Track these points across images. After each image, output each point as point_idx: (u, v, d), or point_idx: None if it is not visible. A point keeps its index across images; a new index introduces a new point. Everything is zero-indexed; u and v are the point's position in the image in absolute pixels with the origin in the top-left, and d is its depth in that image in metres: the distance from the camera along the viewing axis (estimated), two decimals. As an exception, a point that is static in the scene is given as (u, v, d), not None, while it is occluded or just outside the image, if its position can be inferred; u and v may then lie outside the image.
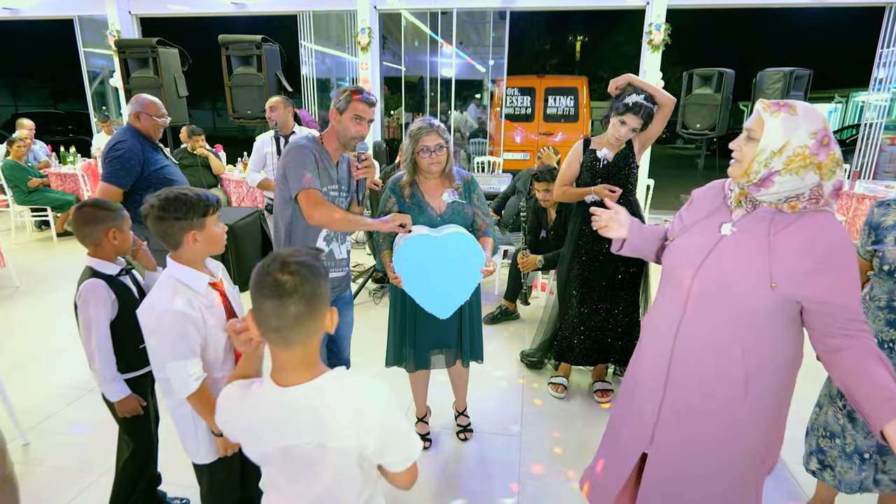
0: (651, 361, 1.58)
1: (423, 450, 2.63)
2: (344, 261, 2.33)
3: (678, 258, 1.51)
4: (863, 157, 7.60)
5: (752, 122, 1.36)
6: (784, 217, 1.36)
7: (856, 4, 7.11)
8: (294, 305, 1.01)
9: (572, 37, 24.41)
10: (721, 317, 1.40)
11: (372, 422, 1.10)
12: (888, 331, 1.82)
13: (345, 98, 2.12)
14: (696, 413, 1.49)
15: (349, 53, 8.07)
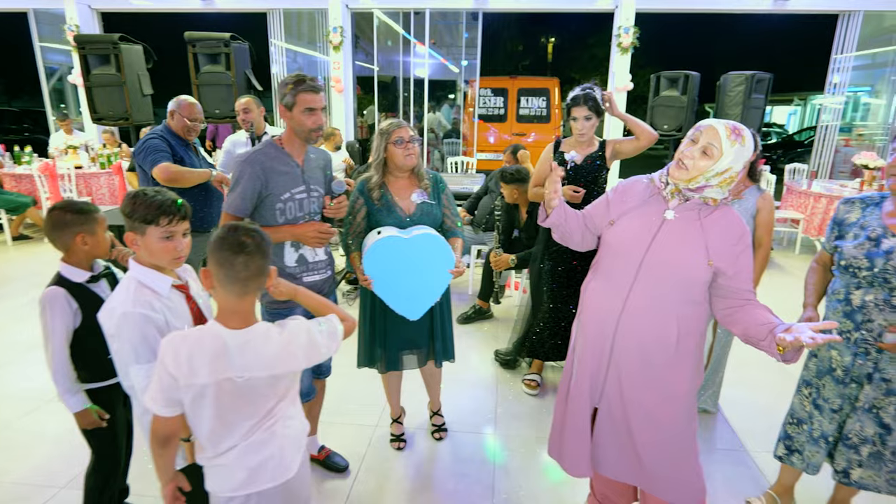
0: (597, 330, 1.73)
1: (398, 450, 2.65)
2: (320, 263, 2.20)
3: (626, 236, 1.69)
4: (820, 158, 7.90)
5: (711, 139, 1.53)
6: (708, 207, 1.62)
7: (812, 12, 7.38)
8: (257, 260, 1.30)
9: (544, 38, 24.68)
10: (665, 288, 1.61)
11: (297, 348, 1.40)
12: (846, 322, 1.91)
13: (290, 92, 1.99)
14: (635, 376, 1.68)
15: (321, 52, 8.01)
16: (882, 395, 1.87)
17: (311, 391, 2.27)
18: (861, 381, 1.90)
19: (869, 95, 9.39)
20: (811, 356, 2.06)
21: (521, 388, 3.22)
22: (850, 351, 1.90)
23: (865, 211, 1.92)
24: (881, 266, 1.79)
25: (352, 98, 7.92)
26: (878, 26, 7.64)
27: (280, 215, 2.04)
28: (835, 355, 1.95)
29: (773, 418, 2.43)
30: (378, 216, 2.29)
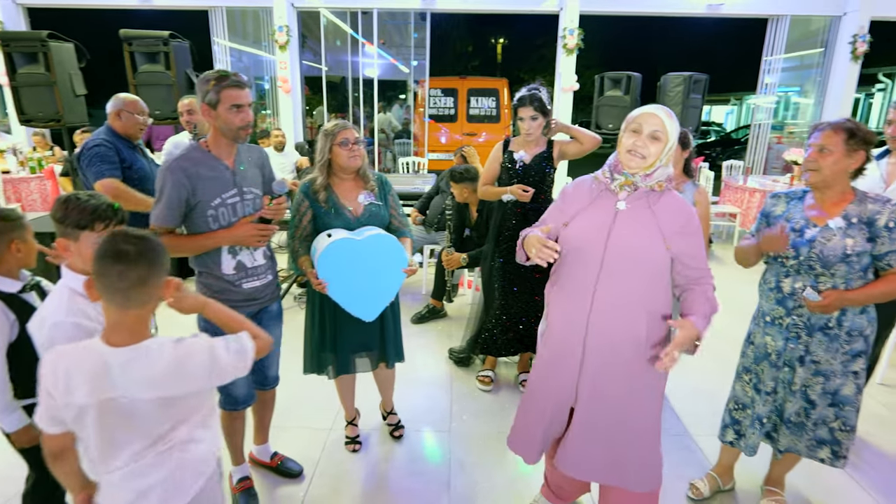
0: (566, 332, 1.78)
1: (353, 452, 2.62)
2: (260, 268, 2.09)
3: (583, 235, 1.74)
4: (754, 155, 8.33)
5: (655, 125, 1.64)
6: (655, 194, 1.71)
7: (743, 16, 7.76)
8: (139, 270, 1.20)
9: (493, 39, 24.97)
10: (630, 279, 1.68)
11: (196, 367, 1.27)
12: (777, 308, 2.04)
13: (213, 89, 1.86)
14: (608, 373, 1.74)
15: (267, 52, 7.83)
16: (811, 375, 2.00)
17: (249, 397, 2.20)
18: (793, 365, 2.01)
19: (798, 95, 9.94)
20: (749, 344, 2.17)
21: (476, 385, 3.25)
22: (783, 336, 2.02)
23: (790, 204, 2.05)
24: (806, 254, 1.91)
25: (300, 98, 7.78)
26: (805, 30, 8.11)
27: (213, 222, 1.94)
28: (769, 341, 2.07)
29: (715, 404, 2.56)
30: (325, 219, 2.26)
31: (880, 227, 1.85)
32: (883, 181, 2.49)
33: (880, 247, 1.86)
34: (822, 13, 7.65)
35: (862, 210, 1.89)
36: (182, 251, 1.98)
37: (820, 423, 2.03)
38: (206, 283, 2.03)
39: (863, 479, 2.50)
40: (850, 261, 1.86)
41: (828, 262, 1.88)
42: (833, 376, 1.99)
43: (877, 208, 1.87)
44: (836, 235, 1.87)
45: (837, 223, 1.89)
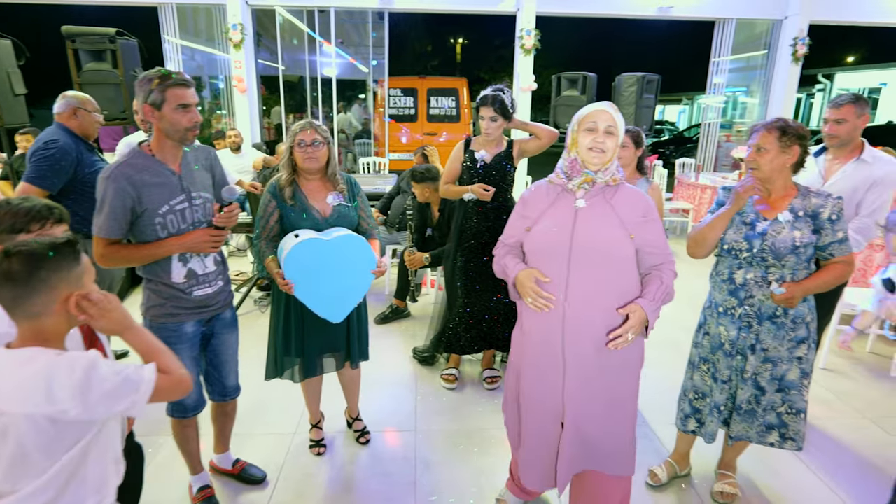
0: (542, 338, 1.79)
1: (318, 456, 2.59)
2: (211, 275, 2.02)
3: (548, 237, 1.77)
4: (705, 153, 8.64)
5: (607, 121, 1.72)
6: (610, 188, 1.78)
7: (692, 18, 8.04)
8: (5, 291, 1.12)
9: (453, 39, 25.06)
10: (600, 274, 1.71)
11: (63, 392, 1.11)
12: (730, 299, 2.12)
13: (157, 89, 1.77)
14: (592, 372, 1.76)
15: (221, 50, 7.63)
16: (760, 362, 2.10)
17: (200, 403, 2.13)
18: (745, 353, 2.11)
19: (745, 95, 10.34)
20: (704, 335, 2.25)
21: (440, 384, 3.26)
22: (736, 326, 2.10)
23: None
24: (758, 247, 2.01)
25: (256, 98, 7.61)
26: (750, 33, 8.46)
27: (161, 230, 1.86)
28: (723, 331, 2.15)
29: (671, 393, 2.64)
30: (293, 219, 2.23)
31: (824, 220, 1.97)
32: (821, 177, 2.62)
33: (824, 238, 1.98)
34: (765, 17, 7.99)
35: (807, 204, 2.00)
36: (130, 261, 1.90)
37: (769, 408, 2.14)
38: (156, 291, 1.95)
39: (808, 459, 2.63)
40: (799, 252, 1.97)
41: (779, 253, 1.97)
42: (780, 362, 2.09)
43: (820, 202, 1.99)
44: (785, 228, 1.98)
45: (786, 216, 1.99)
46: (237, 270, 5.28)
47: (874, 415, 3.03)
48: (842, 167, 2.56)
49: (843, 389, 3.31)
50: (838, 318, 3.50)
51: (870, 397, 3.23)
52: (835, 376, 3.48)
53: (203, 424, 2.25)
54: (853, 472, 2.56)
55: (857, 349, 3.83)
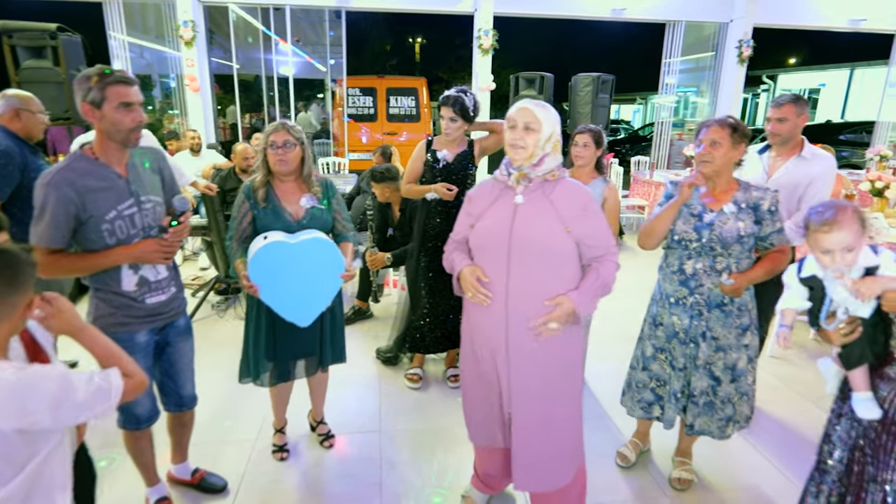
0: (487, 326, 1.84)
1: (281, 461, 2.55)
2: (164, 281, 1.94)
3: (489, 232, 1.81)
4: (658, 151, 8.90)
5: (527, 118, 1.75)
6: (550, 183, 1.81)
7: (644, 20, 8.28)
8: None
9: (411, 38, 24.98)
10: (538, 267, 1.75)
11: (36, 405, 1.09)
12: (681, 289, 2.21)
13: (96, 87, 1.67)
14: (534, 362, 1.80)
15: (171, 48, 7.39)
16: (713, 351, 2.19)
17: (153, 414, 2.06)
18: (697, 341, 2.20)
19: (695, 95, 10.71)
20: (657, 325, 2.33)
21: (404, 383, 3.26)
22: (688, 314, 2.19)
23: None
24: (707, 237, 2.10)
25: (210, 98, 7.41)
26: (699, 35, 8.77)
27: (109, 237, 1.76)
28: (675, 321, 2.23)
29: (628, 383, 2.71)
30: (265, 221, 2.19)
31: (764, 211, 2.09)
32: (765, 173, 2.75)
33: (765, 228, 2.10)
34: (712, 19, 8.30)
35: (748, 196, 2.11)
36: (74, 271, 1.81)
37: (726, 401, 2.24)
38: (105, 300, 1.85)
39: (758, 443, 2.76)
40: (743, 241, 2.08)
41: (726, 243, 2.08)
42: (730, 350, 2.19)
43: (760, 194, 2.11)
44: (730, 219, 2.08)
45: (730, 208, 2.10)
46: (193, 275, 5.13)
47: (816, 397, 3.20)
48: (784, 164, 2.69)
49: (788, 375, 3.48)
50: (783, 307, 3.67)
51: (811, 381, 3.40)
52: (780, 363, 3.65)
53: (158, 434, 2.18)
54: (798, 451, 2.70)
55: (800, 337, 4.03)
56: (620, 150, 15.03)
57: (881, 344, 1.53)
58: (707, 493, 2.40)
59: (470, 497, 2.28)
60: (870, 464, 1.52)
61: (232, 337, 3.86)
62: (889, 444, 1.48)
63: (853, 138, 10.96)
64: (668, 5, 8.04)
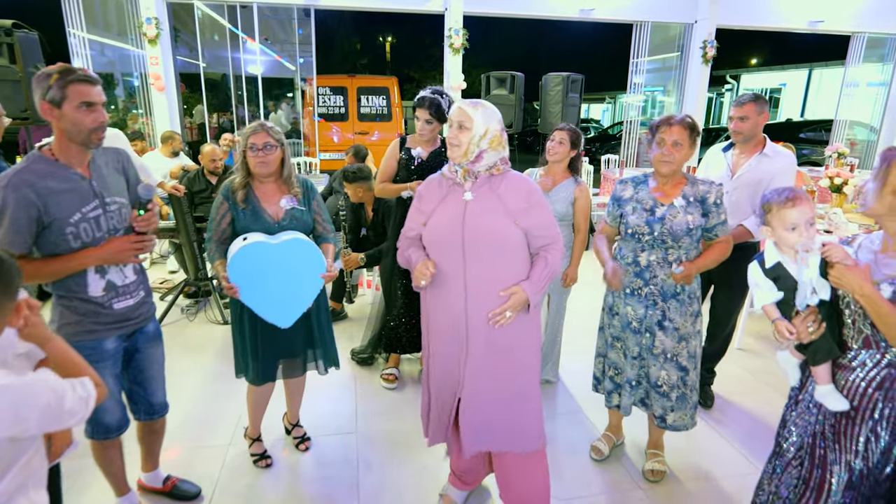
0: (448, 320, 1.89)
1: (266, 467, 2.49)
2: (132, 285, 1.88)
3: (440, 229, 1.86)
4: (627, 149, 9.06)
5: (459, 116, 1.80)
6: (496, 177, 1.85)
7: (612, 21, 8.41)
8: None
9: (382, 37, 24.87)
10: (493, 260, 1.81)
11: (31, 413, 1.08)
12: (636, 280, 2.28)
13: (56, 85, 1.62)
14: (489, 348, 1.87)
15: (135, 45, 7.19)
16: (675, 342, 2.26)
17: (123, 423, 2.00)
18: (653, 331, 2.27)
19: (662, 94, 10.94)
20: (614, 315, 2.39)
21: (380, 384, 3.25)
22: (642, 305, 2.27)
23: (637, 188, 2.31)
24: (658, 230, 2.18)
25: (175, 97, 7.23)
26: (665, 35, 8.94)
27: (74, 240, 1.70)
28: (630, 311, 2.30)
29: (602, 378, 2.76)
30: (245, 222, 2.17)
31: (710, 204, 2.19)
32: (729, 170, 2.82)
33: (711, 220, 2.20)
34: (678, 20, 8.49)
35: (695, 191, 2.20)
36: (37, 278, 1.74)
37: (693, 388, 2.32)
38: (70, 307, 1.78)
39: (728, 433, 2.84)
40: (692, 233, 2.18)
41: (676, 235, 2.17)
42: (690, 338, 2.29)
43: (706, 188, 2.20)
44: (679, 213, 2.17)
45: (680, 202, 2.19)
46: (161, 278, 5.01)
47: (781, 388, 3.29)
48: (747, 161, 2.77)
49: (755, 367, 3.59)
50: (749, 301, 3.79)
51: (777, 372, 3.49)
52: (748, 355, 3.76)
53: (127, 442, 2.12)
54: (765, 441, 2.77)
55: (765, 329, 4.16)
56: (590, 148, 15.27)
57: (837, 335, 1.59)
58: (679, 484, 2.46)
59: (447, 495, 2.29)
60: (831, 448, 1.58)
61: (203, 340, 3.78)
62: (848, 429, 1.54)
63: (813, 136, 11.36)
64: (634, 6, 8.19)
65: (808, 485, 1.64)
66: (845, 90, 9.53)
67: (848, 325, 1.56)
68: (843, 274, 1.47)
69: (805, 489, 1.64)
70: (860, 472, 1.52)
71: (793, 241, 1.59)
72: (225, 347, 3.62)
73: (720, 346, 3.06)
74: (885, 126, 9.59)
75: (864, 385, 1.51)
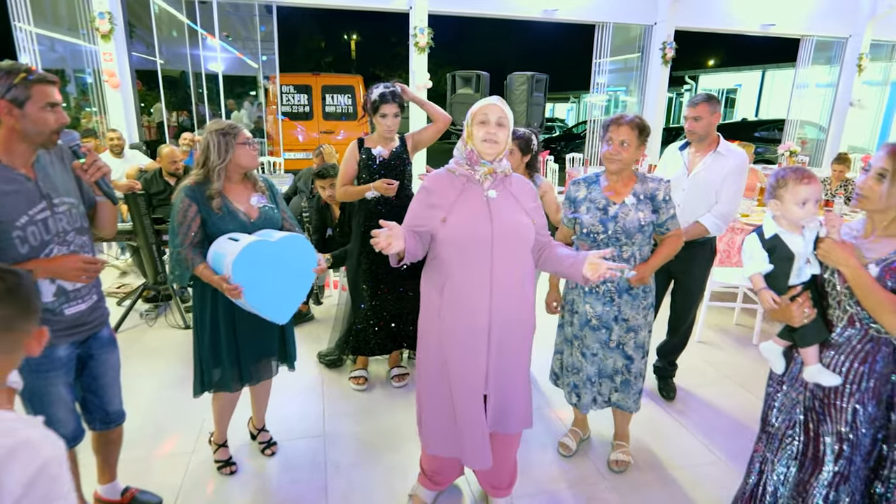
0: (469, 323, 1.86)
1: (230, 475, 2.44)
2: (84, 289, 1.82)
3: (466, 227, 1.82)
4: (592, 148, 9.21)
5: (498, 114, 1.83)
6: (507, 179, 1.91)
7: (574, 21, 8.54)
8: (2, 310, 1.00)
9: (346, 35, 24.63)
10: (516, 258, 1.88)
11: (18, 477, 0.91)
12: None
13: (20, 84, 1.58)
14: (511, 347, 1.93)
15: (87, 41, 6.92)
16: (624, 332, 2.35)
17: (79, 433, 1.92)
18: (610, 326, 2.34)
19: (625, 94, 11.17)
20: (574, 313, 2.42)
21: (349, 386, 3.21)
22: (600, 302, 2.34)
23: (590, 188, 2.35)
24: (612, 228, 2.25)
25: (131, 94, 6.99)
26: (626, 36, 9.14)
27: (21, 244, 1.63)
28: (588, 309, 2.36)
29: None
30: (219, 224, 2.11)
31: (660, 201, 2.26)
32: (686, 169, 2.90)
33: (661, 216, 2.28)
34: (638, 22, 8.68)
35: (645, 188, 2.27)
36: None
37: (638, 375, 2.41)
38: None
39: (690, 424, 2.92)
40: (644, 230, 2.26)
41: (629, 232, 2.24)
42: (640, 330, 2.37)
43: (655, 185, 2.27)
44: (631, 210, 2.24)
45: (631, 200, 2.26)
46: (118, 283, 4.84)
47: (741, 379, 3.42)
48: (702, 159, 2.85)
49: (715, 359, 3.70)
50: (709, 295, 3.90)
51: (736, 364, 3.63)
52: (708, 348, 3.87)
53: (82, 453, 2.04)
54: (725, 430, 2.87)
55: (724, 322, 4.29)
56: (556, 147, 15.44)
57: (823, 317, 1.70)
58: (643, 475, 2.52)
59: (417, 496, 2.28)
60: (823, 421, 1.70)
61: (163, 346, 3.67)
62: (837, 402, 1.66)
63: (767, 135, 11.78)
64: (596, 7, 8.33)
65: (805, 456, 1.75)
66: (796, 91, 9.94)
67: (833, 306, 1.68)
68: (831, 248, 1.59)
69: (804, 460, 1.75)
70: (851, 441, 1.64)
71: (801, 215, 1.69)
72: (186, 352, 3.51)
73: (681, 339, 3.14)
74: (833, 125, 10.03)
75: (850, 360, 1.63)
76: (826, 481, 1.68)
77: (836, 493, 1.67)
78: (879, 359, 1.60)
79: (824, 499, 1.68)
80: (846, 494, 1.66)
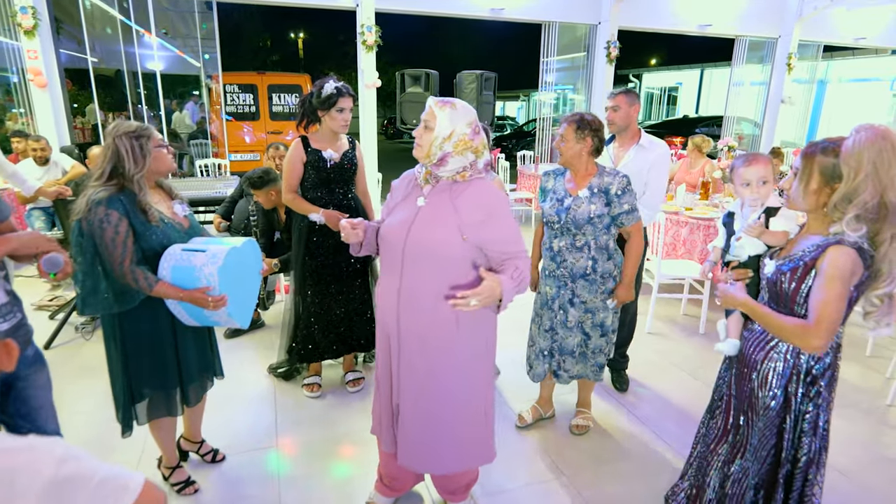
0: (382, 327, 1.90)
1: (193, 493, 2.32)
2: (5, 308, 1.66)
3: (390, 232, 1.82)
4: (542, 146, 9.35)
5: (426, 115, 1.73)
6: (459, 185, 1.76)
7: (521, 21, 8.63)
8: None
9: (293, 34, 24.10)
10: (429, 269, 1.75)
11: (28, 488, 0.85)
12: (551, 263, 2.53)
13: None
14: (418, 363, 1.83)
15: (9, 37, 6.46)
16: (582, 313, 2.50)
17: None
18: (566, 308, 2.52)
19: (573, 92, 11.38)
20: (537, 294, 2.65)
21: (302, 394, 3.12)
22: (556, 284, 2.53)
23: (555, 180, 2.51)
24: (564, 219, 2.37)
25: (60, 94, 6.59)
26: (572, 36, 9.30)
27: None
28: (547, 290, 2.57)
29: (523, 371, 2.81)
30: (160, 237, 1.96)
31: (613, 194, 2.36)
32: (612, 162, 2.99)
33: (614, 209, 2.37)
34: (583, 21, 8.86)
35: (601, 182, 2.37)
36: None
37: (597, 351, 2.59)
38: None
39: (641, 415, 2.98)
40: (594, 222, 2.36)
41: (578, 224, 2.36)
42: (598, 311, 2.51)
43: (610, 179, 2.37)
44: (583, 203, 2.35)
45: (584, 193, 2.37)
46: (50, 295, 4.55)
47: (689, 367, 3.53)
48: (626, 153, 2.95)
49: (664, 349, 3.81)
50: (657, 287, 4.01)
51: (685, 353, 3.75)
52: (657, 338, 3.98)
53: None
54: (674, 418, 2.96)
55: (672, 313, 4.43)
56: (507, 145, 15.62)
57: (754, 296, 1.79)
58: (598, 466, 2.55)
59: (374, 502, 2.23)
60: (735, 396, 1.82)
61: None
62: (746, 374, 1.75)
63: (707, 131, 12.27)
64: (542, 7, 8.44)
65: (724, 428, 1.87)
66: (732, 89, 10.38)
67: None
68: (725, 295, 1.73)
69: (720, 432, 1.88)
70: (749, 418, 1.75)
71: (745, 194, 1.91)
72: (127, 366, 3.33)
73: (627, 330, 3.21)
74: (767, 121, 10.55)
75: (753, 344, 1.72)
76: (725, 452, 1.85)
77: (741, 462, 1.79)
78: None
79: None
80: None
